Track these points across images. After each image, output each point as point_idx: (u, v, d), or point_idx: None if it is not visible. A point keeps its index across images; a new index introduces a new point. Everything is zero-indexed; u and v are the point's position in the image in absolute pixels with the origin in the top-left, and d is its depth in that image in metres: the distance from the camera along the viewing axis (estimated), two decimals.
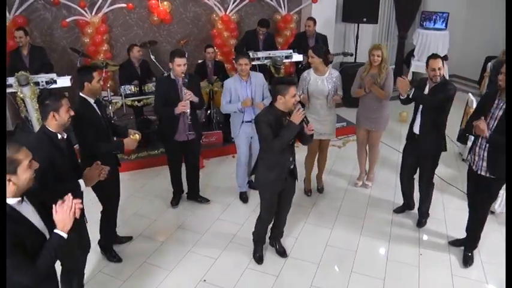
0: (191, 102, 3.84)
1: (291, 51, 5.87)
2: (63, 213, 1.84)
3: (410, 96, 3.60)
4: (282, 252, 3.63)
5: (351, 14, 7.45)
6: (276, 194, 3.26)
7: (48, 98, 2.50)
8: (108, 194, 3.37)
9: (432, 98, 3.53)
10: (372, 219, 4.19)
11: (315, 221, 4.15)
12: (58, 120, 2.51)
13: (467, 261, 3.52)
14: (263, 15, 7.39)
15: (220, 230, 4.01)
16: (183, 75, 3.79)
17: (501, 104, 3.05)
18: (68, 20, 5.98)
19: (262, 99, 4.10)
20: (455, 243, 3.76)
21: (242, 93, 4.01)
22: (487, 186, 3.27)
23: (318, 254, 3.65)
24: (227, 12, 7.03)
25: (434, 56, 3.54)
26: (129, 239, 3.83)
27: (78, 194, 2.19)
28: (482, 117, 3.06)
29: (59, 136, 2.58)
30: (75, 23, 6.22)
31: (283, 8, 7.34)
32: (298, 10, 7.44)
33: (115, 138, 3.47)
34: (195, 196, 4.46)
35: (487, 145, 3.13)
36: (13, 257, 1.70)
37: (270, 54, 5.59)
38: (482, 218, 3.46)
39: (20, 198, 1.84)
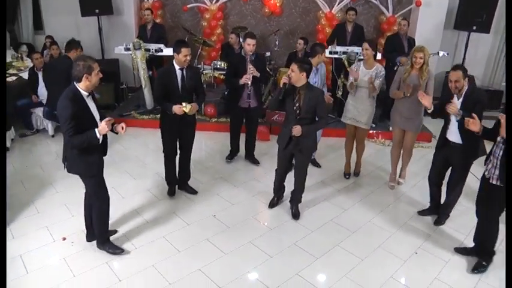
0: (254, 76, 4.69)
1: None
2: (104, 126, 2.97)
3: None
4: (295, 215, 4.15)
5: (463, 21, 7.01)
6: (284, 151, 3.96)
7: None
8: (164, 142, 4.27)
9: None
10: (391, 211, 4.33)
11: (334, 201, 4.50)
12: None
13: (477, 268, 3.46)
14: (369, 15, 7.66)
15: (252, 186, 4.74)
16: (250, 53, 4.68)
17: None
18: (188, 6, 7.44)
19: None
20: (461, 251, 3.69)
21: (311, 78, 4.52)
22: (497, 196, 3.22)
23: (317, 225, 4.04)
24: (332, 10, 7.53)
25: (454, 68, 3.63)
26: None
27: None
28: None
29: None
30: (197, 8, 7.61)
31: (389, 10, 7.44)
32: (405, 13, 7.40)
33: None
34: (249, 156, 5.30)
35: (501, 152, 3.13)
36: (69, 122, 2.85)
37: (348, 49, 5.94)
38: (492, 228, 3.40)
39: (88, 93, 3.00)
